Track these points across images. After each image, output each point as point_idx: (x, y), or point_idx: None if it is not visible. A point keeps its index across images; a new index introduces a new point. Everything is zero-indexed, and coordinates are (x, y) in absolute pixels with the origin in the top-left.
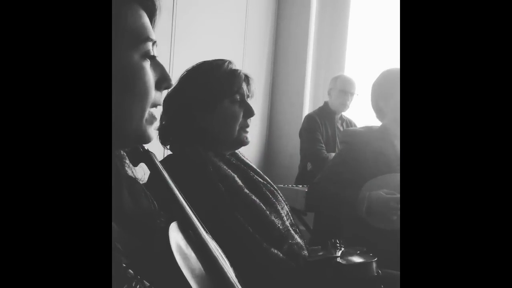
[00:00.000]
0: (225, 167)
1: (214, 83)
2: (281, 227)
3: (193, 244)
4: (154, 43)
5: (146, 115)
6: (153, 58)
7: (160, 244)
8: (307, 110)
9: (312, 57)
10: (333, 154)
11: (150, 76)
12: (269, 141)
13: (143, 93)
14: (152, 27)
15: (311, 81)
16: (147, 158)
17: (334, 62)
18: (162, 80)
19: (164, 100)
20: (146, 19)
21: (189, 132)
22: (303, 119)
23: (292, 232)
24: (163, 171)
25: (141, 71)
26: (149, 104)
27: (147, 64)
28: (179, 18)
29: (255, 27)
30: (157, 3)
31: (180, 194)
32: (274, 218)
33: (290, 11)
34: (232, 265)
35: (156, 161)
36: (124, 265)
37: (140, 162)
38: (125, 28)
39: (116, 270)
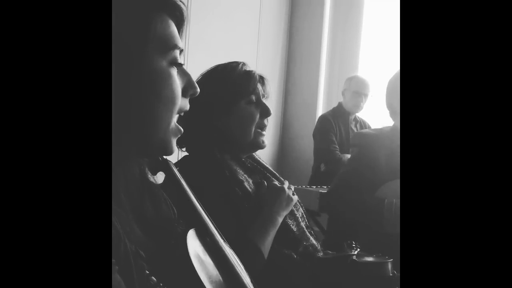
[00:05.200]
0: (241, 171)
1: (229, 85)
2: (295, 229)
3: (210, 251)
4: (181, 51)
5: (173, 124)
6: (180, 66)
7: (179, 251)
8: (320, 111)
9: (325, 58)
10: (347, 155)
11: (177, 83)
12: (282, 142)
13: (170, 100)
14: (180, 37)
15: (325, 81)
16: (166, 167)
17: (348, 62)
18: (188, 87)
19: None
20: (174, 28)
21: (205, 134)
22: (316, 120)
23: (308, 234)
24: (181, 180)
25: (168, 77)
26: (176, 110)
27: (174, 71)
28: (193, 20)
29: (269, 28)
30: (185, 13)
31: (197, 201)
32: (288, 220)
33: (304, 11)
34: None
35: (174, 170)
36: (147, 272)
37: (159, 171)
38: (154, 35)
39: (139, 277)
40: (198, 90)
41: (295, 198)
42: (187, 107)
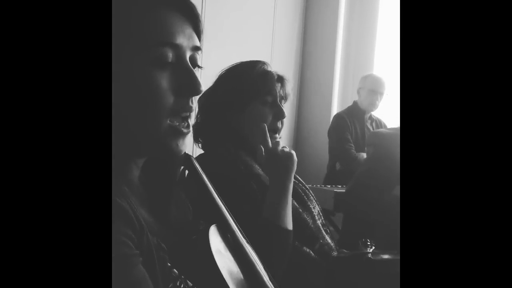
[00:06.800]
0: (256, 166)
1: (245, 84)
2: (312, 226)
3: (231, 247)
4: (174, 46)
5: (165, 125)
6: (167, 64)
7: (200, 246)
8: (335, 109)
9: (340, 56)
10: (362, 154)
11: (161, 84)
12: (297, 141)
13: (150, 103)
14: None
15: (340, 80)
16: (188, 163)
17: (363, 60)
18: (185, 87)
19: (199, 98)
20: (167, 22)
21: (221, 131)
22: (331, 118)
23: (323, 232)
24: (203, 176)
25: (146, 79)
26: (166, 112)
27: (156, 71)
28: (207, 20)
29: (283, 26)
30: (188, 2)
31: (219, 197)
32: (306, 217)
33: (318, 9)
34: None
35: (197, 166)
36: (169, 264)
37: (181, 167)
38: (133, 32)
39: (161, 269)
40: (200, 89)
41: (292, 152)
42: (187, 107)
